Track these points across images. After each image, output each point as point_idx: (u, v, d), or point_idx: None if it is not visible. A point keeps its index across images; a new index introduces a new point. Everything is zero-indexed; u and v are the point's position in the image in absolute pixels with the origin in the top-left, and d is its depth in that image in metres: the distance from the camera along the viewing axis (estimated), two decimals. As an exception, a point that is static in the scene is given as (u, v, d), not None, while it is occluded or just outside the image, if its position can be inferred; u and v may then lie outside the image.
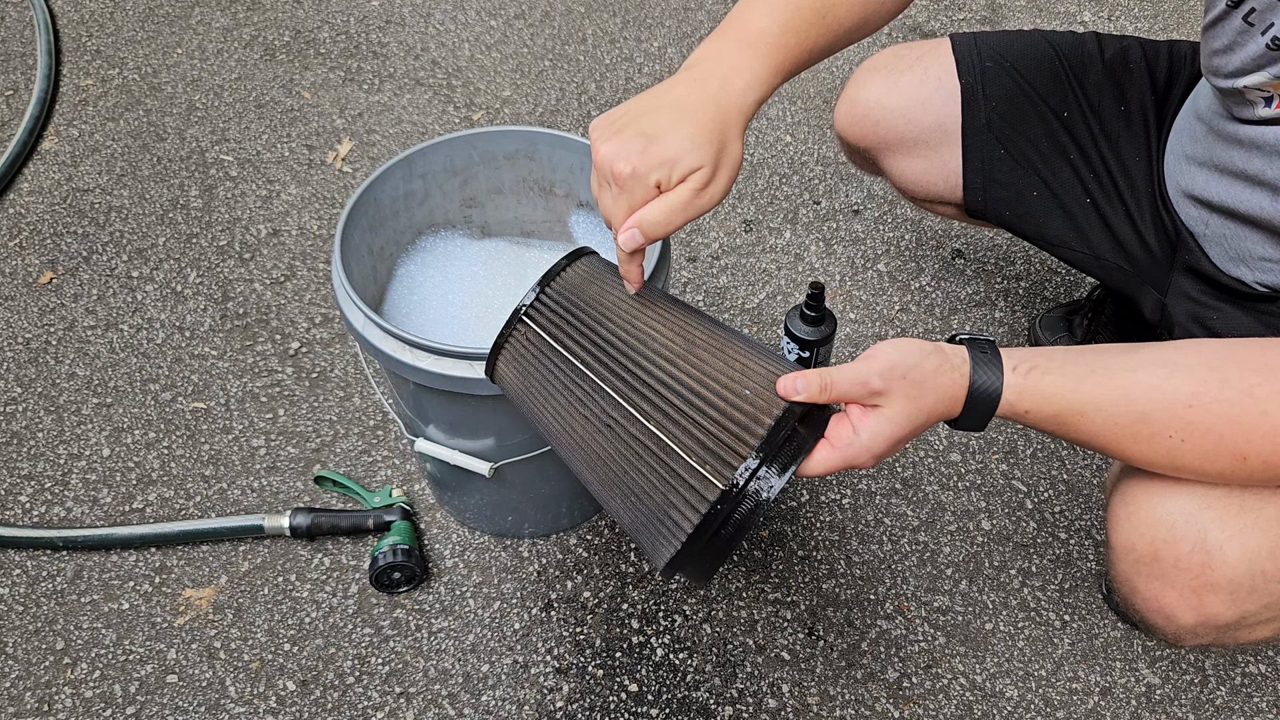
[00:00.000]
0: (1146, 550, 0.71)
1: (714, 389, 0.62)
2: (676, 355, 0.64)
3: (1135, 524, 0.71)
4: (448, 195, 1.07)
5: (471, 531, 1.14)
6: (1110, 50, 1.00)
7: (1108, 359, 0.66)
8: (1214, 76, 0.80)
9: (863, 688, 1.03)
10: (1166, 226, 0.94)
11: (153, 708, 0.99)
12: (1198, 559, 0.68)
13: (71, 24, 1.84)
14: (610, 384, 0.65)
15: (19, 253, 1.44)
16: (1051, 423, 0.66)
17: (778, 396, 0.61)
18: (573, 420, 0.67)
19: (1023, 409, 0.65)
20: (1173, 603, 0.71)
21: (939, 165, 1.05)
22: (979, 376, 0.64)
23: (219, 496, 1.16)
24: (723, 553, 0.61)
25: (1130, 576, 0.74)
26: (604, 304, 0.68)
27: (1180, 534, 0.69)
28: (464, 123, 1.66)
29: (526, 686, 1.02)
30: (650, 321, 0.67)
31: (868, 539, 1.15)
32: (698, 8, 1.92)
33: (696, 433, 0.61)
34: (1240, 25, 0.74)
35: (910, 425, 0.63)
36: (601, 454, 0.66)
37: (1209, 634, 0.72)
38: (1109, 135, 0.99)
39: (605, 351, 0.66)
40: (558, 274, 0.71)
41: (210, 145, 1.61)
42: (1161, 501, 0.70)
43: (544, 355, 0.69)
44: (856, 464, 0.63)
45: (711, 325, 0.68)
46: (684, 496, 0.61)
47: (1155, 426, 0.64)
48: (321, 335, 1.33)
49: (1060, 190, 1.00)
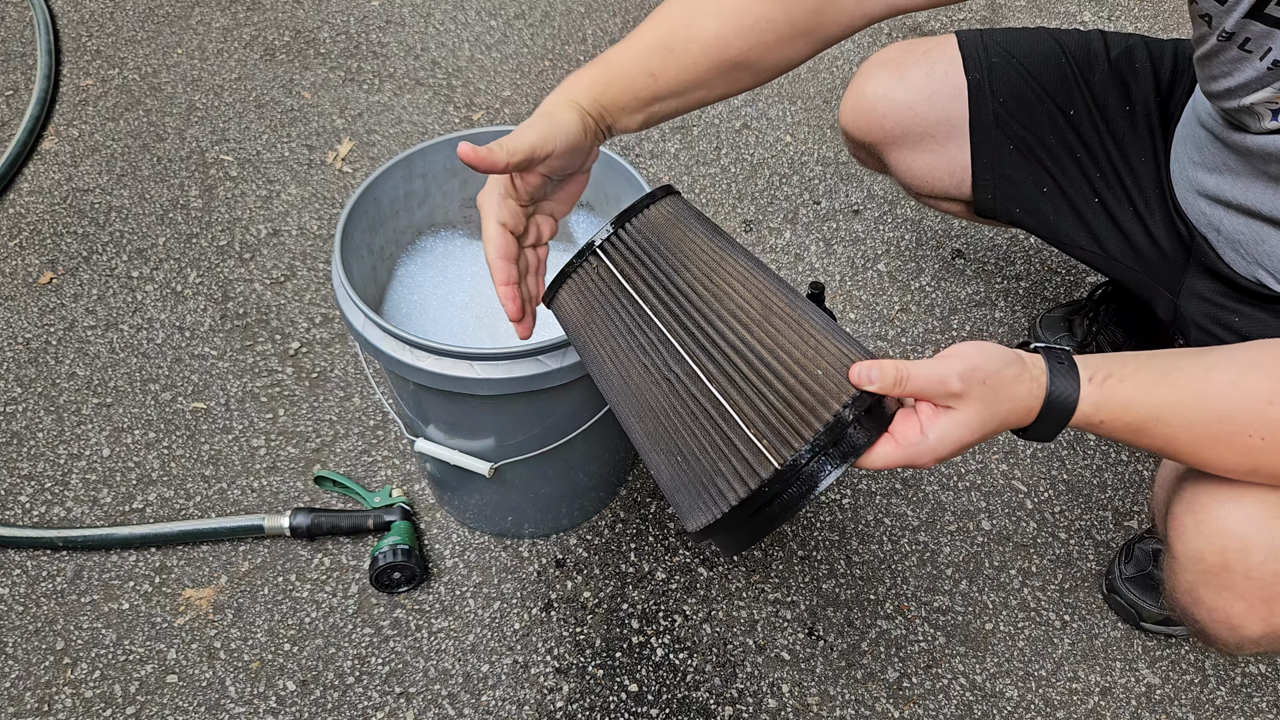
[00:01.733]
0: (1216, 560, 0.69)
1: (785, 363, 0.59)
2: (751, 320, 0.61)
3: (1204, 533, 0.69)
4: (448, 195, 1.07)
5: (471, 531, 1.14)
6: (1116, 49, 1.00)
7: (1180, 361, 0.64)
8: (1216, 100, 0.79)
9: (863, 688, 1.03)
10: (1179, 229, 0.93)
11: (153, 708, 0.99)
12: (1270, 569, 0.66)
13: (71, 24, 1.84)
14: (678, 337, 0.62)
15: (19, 253, 1.44)
16: (1127, 431, 0.64)
17: (849, 382, 0.59)
18: (630, 366, 0.64)
19: (1098, 420, 0.63)
20: (1241, 613, 0.69)
21: (945, 160, 1.04)
22: (1056, 387, 0.62)
23: (219, 496, 1.16)
24: (760, 531, 0.59)
25: (1195, 587, 0.71)
26: (684, 251, 0.65)
27: (1254, 544, 0.66)
28: (464, 123, 1.66)
29: (526, 686, 1.02)
30: (729, 278, 0.63)
31: (868, 539, 1.15)
32: (698, 8, 1.91)
33: (760, 405, 0.58)
34: (1236, 54, 0.74)
35: (981, 432, 0.61)
36: (655, 406, 0.63)
37: (1272, 644, 0.70)
38: (1115, 135, 0.98)
39: (678, 302, 0.63)
40: (640, 211, 0.67)
41: (210, 145, 1.61)
42: (1233, 510, 0.68)
43: (612, 294, 0.65)
44: (918, 464, 0.60)
45: (790, 295, 0.64)
46: (735, 467, 0.59)
47: (1235, 426, 0.62)
48: (321, 335, 1.33)
49: (1069, 188, 0.99)
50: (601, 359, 0.67)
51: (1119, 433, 0.64)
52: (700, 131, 1.65)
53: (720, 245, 0.66)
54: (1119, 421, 0.63)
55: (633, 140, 1.63)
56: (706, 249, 0.65)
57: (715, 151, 1.62)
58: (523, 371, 0.83)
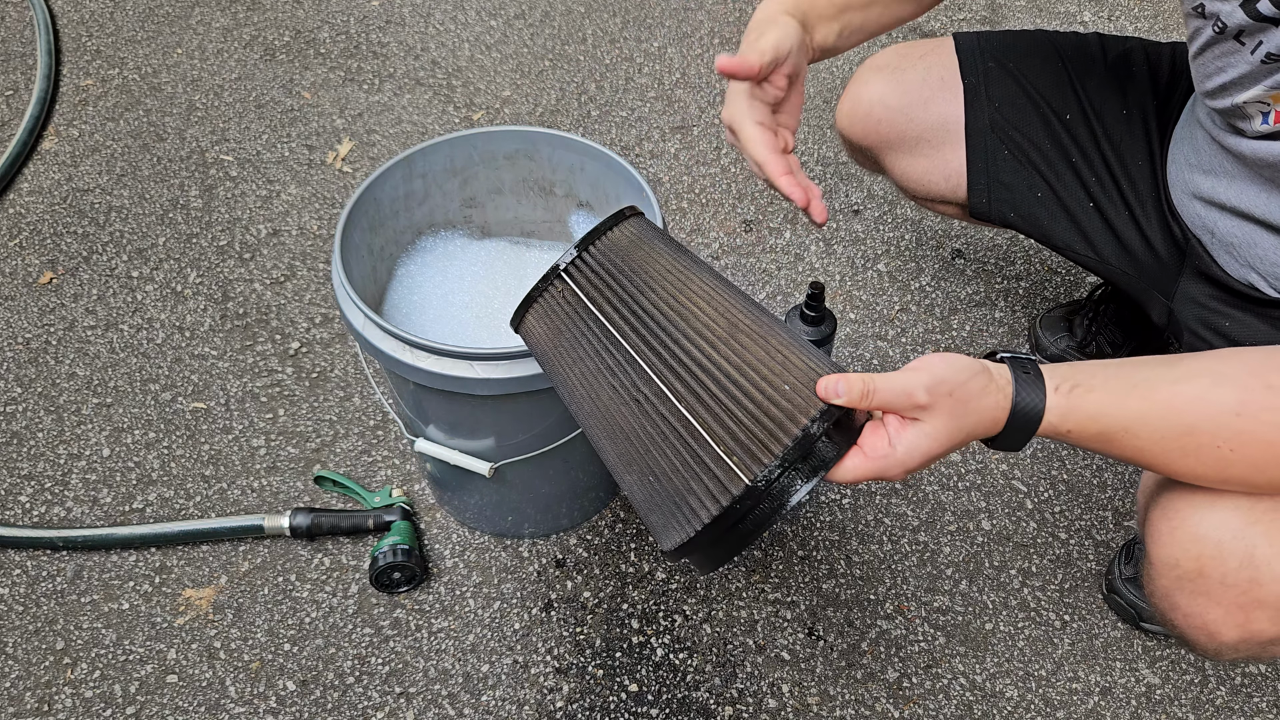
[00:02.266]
0: (1191, 566, 0.69)
1: (753, 379, 0.60)
2: (718, 338, 0.62)
3: (1179, 539, 0.69)
4: (448, 195, 1.07)
5: (471, 531, 1.14)
6: (1113, 52, 1.00)
7: (1149, 372, 0.65)
8: (1209, 98, 0.79)
9: (863, 688, 1.03)
10: (1174, 232, 0.93)
11: (153, 708, 0.99)
12: (1245, 575, 0.66)
13: (71, 24, 1.84)
14: (645, 357, 0.62)
15: (19, 253, 1.44)
16: (1096, 440, 0.64)
17: (816, 397, 0.59)
18: (599, 388, 0.65)
19: (1065, 429, 0.64)
20: (1217, 619, 0.69)
21: (941, 165, 1.04)
22: (1021, 397, 0.63)
23: (219, 496, 1.16)
24: (734, 547, 0.60)
25: (1171, 592, 0.71)
26: (648, 271, 0.66)
27: (1228, 550, 0.67)
28: (464, 123, 1.66)
29: (526, 686, 1.02)
30: (694, 297, 0.64)
31: (868, 539, 1.15)
32: (698, 8, 1.92)
33: (729, 422, 0.59)
34: (1230, 45, 0.74)
35: (949, 443, 0.61)
36: (625, 427, 0.63)
37: (1250, 649, 0.70)
38: (1111, 139, 0.98)
39: (644, 322, 0.63)
40: (603, 234, 0.68)
41: (210, 145, 1.61)
42: (1207, 516, 0.68)
43: (578, 316, 0.66)
44: (887, 476, 0.61)
45: (756, 311, 0.65)
46: (706, 485, 0.59)
47: (1203, 438, 0.63)
48: (321, 335, 1.33)
49: (1063, 193, 1.00)
50: (571, 382, 0.67)
51: (1089, 442, 0.65)
52: (700, 131, 1.65)
53: (685, 264, 0.67)
54: (1087, 432, 0.64)
55: (632, 140, 1.63)
56: (671, 268, 0.66)
57: (715, 151, 1.62)
58: (523, 371, 0.83)
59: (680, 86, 1.74)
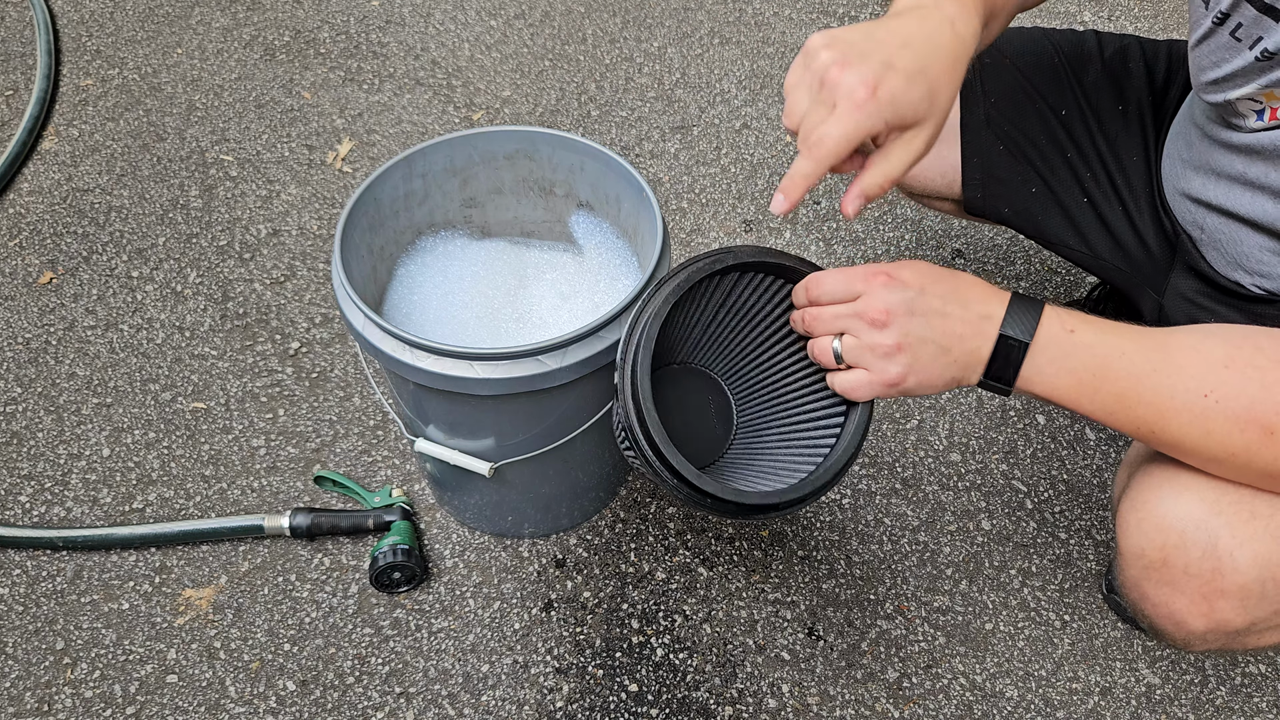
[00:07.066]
0: (1156, 556, 0.70)
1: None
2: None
3: (1145, 530, 0.71)
4: (448, 195, 1.07)
5: (471, 531, 1.14)
6: (1110, 49, 1.00)
7: (1141, 326, 0.68)
8: (1204, 92, 0.80)
9: (863, 688, 1.03)
10: (1165, 228, 0.94)
11: (153, 708, 0.99)
12: (1208, 565, 0.67)
13: (71, 24, 1.84)
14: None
15: (19, 253, 1.44)
16: (1089, 369, 0.66)
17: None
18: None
19: (1061, 352, 0.66)
20: (1183, 609, 0.70)
21: (937, 161, 1.05)
22: (1016, 300, 0.67)
23: (219, 496, 1.16)
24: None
25: (1139, 582, 0.73)
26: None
27: (1191, 540, 0.68)
28: (464, 123, 1.66)
29: (526, 686, 1.02)
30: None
31: (868, 539, 1.15)
32: (698, 8, 1.92)
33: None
34: (1227, 40, 0.74)
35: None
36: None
37: (1219, 640, 0.71)
38: (1107, 135, 0.98)
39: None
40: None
41: (210, 145, 1.61)
42: (1172, 507, 0.69)
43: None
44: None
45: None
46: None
47: (1190, 381, 0.64)
48: (321, 335, 1.33)
49: (1058, 189, 1.00)
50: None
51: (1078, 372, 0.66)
52: (700, 131, 1.65)
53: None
54: (1078, 359, 0.66)
55: (632, 140, 1.63)
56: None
57: (715, 151, 1.62)
58: (523, 371, 0.83)
59: (680, 86, 1.74)
